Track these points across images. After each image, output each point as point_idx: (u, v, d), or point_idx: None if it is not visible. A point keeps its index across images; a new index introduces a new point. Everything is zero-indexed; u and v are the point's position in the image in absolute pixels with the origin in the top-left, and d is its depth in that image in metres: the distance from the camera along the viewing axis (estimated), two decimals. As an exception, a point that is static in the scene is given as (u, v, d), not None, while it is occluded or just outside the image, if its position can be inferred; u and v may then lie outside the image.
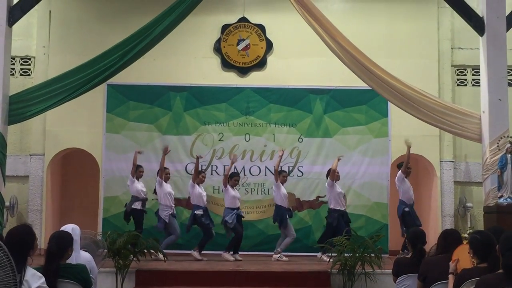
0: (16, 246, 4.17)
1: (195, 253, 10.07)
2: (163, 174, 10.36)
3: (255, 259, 10.21)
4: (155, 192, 10.55)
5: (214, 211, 10.82)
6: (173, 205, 10.42)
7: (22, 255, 4.16)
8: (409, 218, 10.19)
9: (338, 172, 10.40)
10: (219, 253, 10.30)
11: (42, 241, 10.93)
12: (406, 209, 10.25)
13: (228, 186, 10.28)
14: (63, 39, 11.72)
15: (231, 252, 10.15)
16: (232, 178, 10.40)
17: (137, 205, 10.38)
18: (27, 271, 4.16)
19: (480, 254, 4.64)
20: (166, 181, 10.44)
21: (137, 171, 10.54)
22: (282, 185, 10.43)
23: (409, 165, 10.43)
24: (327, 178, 10.39)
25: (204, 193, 10.31)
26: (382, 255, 8.54)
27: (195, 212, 10.18)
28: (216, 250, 10.44)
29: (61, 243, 4.69)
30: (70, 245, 4.76)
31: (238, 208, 10.27)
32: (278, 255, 10.20)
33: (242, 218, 10.39)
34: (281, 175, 10.52)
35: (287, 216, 10.39)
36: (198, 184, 10.30)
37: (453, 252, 5.10)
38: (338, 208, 10.24)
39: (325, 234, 10.11)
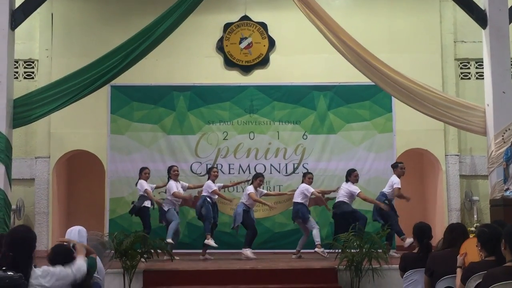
0: (20, 244, 4.15)
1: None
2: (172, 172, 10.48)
3: (262, 257, 10.19)
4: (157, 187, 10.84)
5: (220, 210, 10.78)
6: (177, 203, 10.43)
7: (27, 254, 4.15)
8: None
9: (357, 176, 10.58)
10: (225, 252, 10.33)
11: (49, 243, 10.99)
12: (386, 201, 10.26)
13: (251, 186, 10.34)
14: (66, 41, 11.74)
15: (249, 248, 10.14)
16: (257, 179, 10.44)
17: (147, 203, 10.37)
18: (36, 271, 4.15)
19: (488, 247, 4.63)
20: (175, 179, 10.43)
21: (143, 173, 10.54)
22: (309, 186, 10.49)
23: (403, 166, 10.45)
24: (346, 180, 10.53)
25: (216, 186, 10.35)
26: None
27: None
28: (222, 249, 10.46)
29: (54, 260, 4.60)
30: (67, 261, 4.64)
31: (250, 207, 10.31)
32: (321, 250, 10.10)
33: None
34: (306, 177, 10.58)
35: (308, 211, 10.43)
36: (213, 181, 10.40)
37: (461, 246, 5.09)
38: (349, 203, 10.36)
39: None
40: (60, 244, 4.95)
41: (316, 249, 10.11)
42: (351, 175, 10.53)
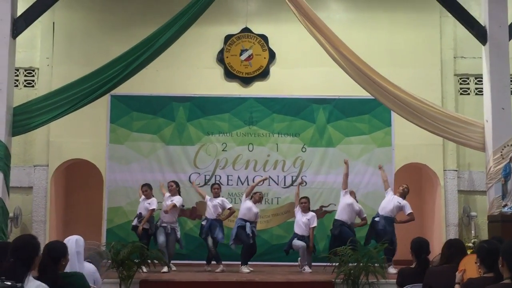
0: (20, 252, 4.14)
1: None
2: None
3: (259, 269, 10.17)
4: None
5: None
6: (163, 219, 10.15)
7: (25, 263, 4.13)
8: (377, 226, 10.12)
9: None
10: (222, 264, 10.27)
11: (46, 252, 10.94)
12: (376, 218, 10.20)
13: (247, 199, 10.25)
14: (67, 50, 11.77)
15: (245, 265, 10.03)
16: (255, 194, 10.36)
17: (135, 222, 10.29)
18: (30, 282, 4.13)
19: (487, 263, 4.61)
20: (171, 193, 10.34)
21: (142, 190, 10.45)
22: (303, 212, 10.33)
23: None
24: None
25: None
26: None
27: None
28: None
29: (53, 254, 4.62)
30: (63, 256, 4.68)
31: (249, 221, 10.13)
32: (303, 268, 10.13)
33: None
34: (300, 202, 10.44)
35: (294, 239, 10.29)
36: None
37: (460, 262, 5.08)
38: (339, 219, 10.23)
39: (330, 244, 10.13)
40: (54, 241, 4.95)
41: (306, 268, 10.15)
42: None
